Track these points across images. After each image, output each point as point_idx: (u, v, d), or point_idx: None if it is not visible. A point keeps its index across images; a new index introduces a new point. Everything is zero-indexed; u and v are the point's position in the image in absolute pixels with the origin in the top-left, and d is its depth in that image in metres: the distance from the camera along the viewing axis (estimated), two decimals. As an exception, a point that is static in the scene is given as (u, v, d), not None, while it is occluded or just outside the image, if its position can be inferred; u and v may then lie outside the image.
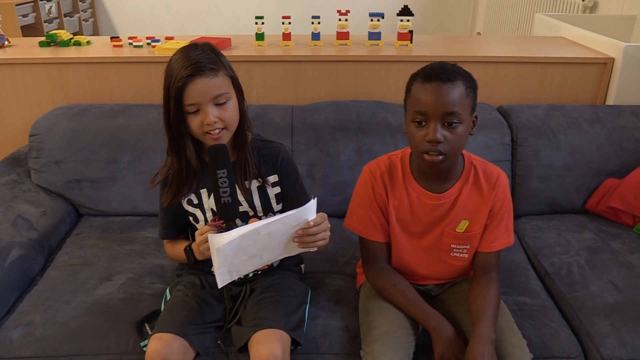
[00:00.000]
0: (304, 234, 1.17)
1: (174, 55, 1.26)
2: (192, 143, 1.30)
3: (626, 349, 1.31)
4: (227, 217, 1.19)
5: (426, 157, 1.23)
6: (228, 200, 1.17)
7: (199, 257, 1.28)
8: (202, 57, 1.23)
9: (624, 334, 1.34)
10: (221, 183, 1.16)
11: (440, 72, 1.21)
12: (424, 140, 1.22)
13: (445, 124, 1.20)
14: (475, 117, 1.28)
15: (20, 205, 1.74)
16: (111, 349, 1.33)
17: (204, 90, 1.22)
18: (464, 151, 1.37)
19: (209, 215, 1.37)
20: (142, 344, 1.30)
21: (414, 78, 1.26)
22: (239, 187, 1.34)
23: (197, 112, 1.24)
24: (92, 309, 1.43)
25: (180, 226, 1.43)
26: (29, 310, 1.43)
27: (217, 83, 1.24)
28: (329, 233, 1.21)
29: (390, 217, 1.36)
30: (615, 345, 1.32)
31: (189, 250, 1.31)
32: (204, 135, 1.26)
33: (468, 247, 1.36)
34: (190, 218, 1.39)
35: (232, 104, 1.27)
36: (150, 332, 1.28)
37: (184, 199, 1.37)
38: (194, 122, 1.24)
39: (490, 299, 1.28)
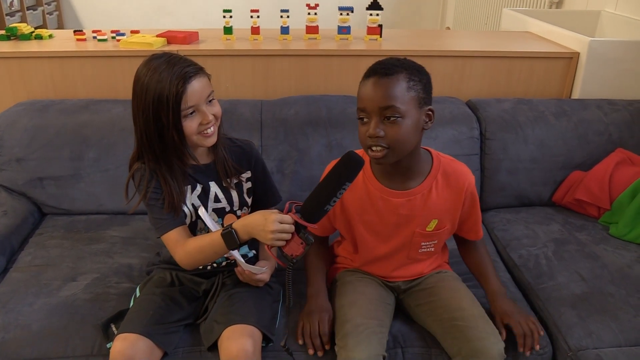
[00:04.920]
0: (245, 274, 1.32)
1: (144, 68, 1.23)
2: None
3: (592, 339, 1.34)
4: (312, 220, 1.16)
5: (370, 152, 1.22)
6: (328, 209, 1.15)
7: (246, 237, 1.20)
8: (184, 61, 1.25)
9: (590, 324, 1.36)
10: (339, 193, 1.13)
11: (379, 67, 1.20)
12: (366, 136, 1.21)
13: (385, 118, 1.19)
14: (430, 110, 1.25)
15: (-20, 204, 1.68)
16: (76, 351, 1.29)
17: (200, 90, 1.24)
18: (431, 150, 1.36)
19: (190, 209, 1.35)
20: (108, 345, 1.27)
21: (363, 75, 1.25)
22: (221, 184, 1.37)
23: (193, 113, 1.25)
24: (56, 311, 1.39)
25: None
26: (-10, 313, 1.38)
27: (207, 81, 1.28)
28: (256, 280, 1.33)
29: (351, 215, 1.35)
30: (582, 335, 1.34)
31: (231, 232, 1.20)
32: (198, 135, 1.27)
33: (436, 242, 1.38)
34: None
35: (215, 100, 1.31)
36: (116, 333, 1.25)
37: None
38: (192, 124, 1.25)
39: (485, 257, 1.44)
